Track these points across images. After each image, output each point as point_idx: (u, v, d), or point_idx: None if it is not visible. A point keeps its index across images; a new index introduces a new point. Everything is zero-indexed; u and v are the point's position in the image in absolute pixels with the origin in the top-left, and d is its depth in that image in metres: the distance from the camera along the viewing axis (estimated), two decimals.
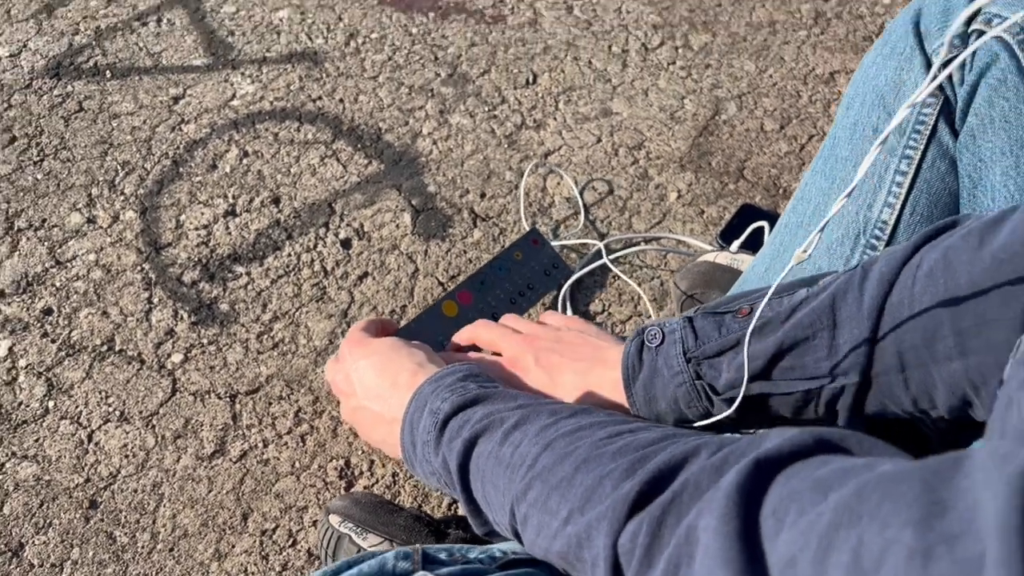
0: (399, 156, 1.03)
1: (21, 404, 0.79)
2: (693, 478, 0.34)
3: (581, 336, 0.62)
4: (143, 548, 0.71)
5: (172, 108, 1.08)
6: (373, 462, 0.76)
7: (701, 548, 0.30)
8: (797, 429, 0.33)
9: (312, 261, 0.92)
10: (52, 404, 0.79)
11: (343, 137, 1.05)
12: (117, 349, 0.84)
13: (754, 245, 0.84)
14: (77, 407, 0.79)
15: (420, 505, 0.74)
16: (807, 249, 0.43)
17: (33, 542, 0.71)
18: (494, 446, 0.46)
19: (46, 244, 0.92)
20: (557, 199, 0.98)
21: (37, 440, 0.77)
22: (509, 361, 0.63)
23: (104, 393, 0.80)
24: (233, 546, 0.71)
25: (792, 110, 1.10)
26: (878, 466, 0.26)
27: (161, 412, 0.79)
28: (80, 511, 0.73)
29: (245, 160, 1.02)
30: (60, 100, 1.09)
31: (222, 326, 0.86)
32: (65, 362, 0.82)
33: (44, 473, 0.75)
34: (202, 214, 0.96)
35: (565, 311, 0.88)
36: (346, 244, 0.93)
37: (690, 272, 0.80)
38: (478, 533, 0.51)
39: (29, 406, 0.79)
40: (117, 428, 0.78)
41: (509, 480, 0.44)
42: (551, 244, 0.89)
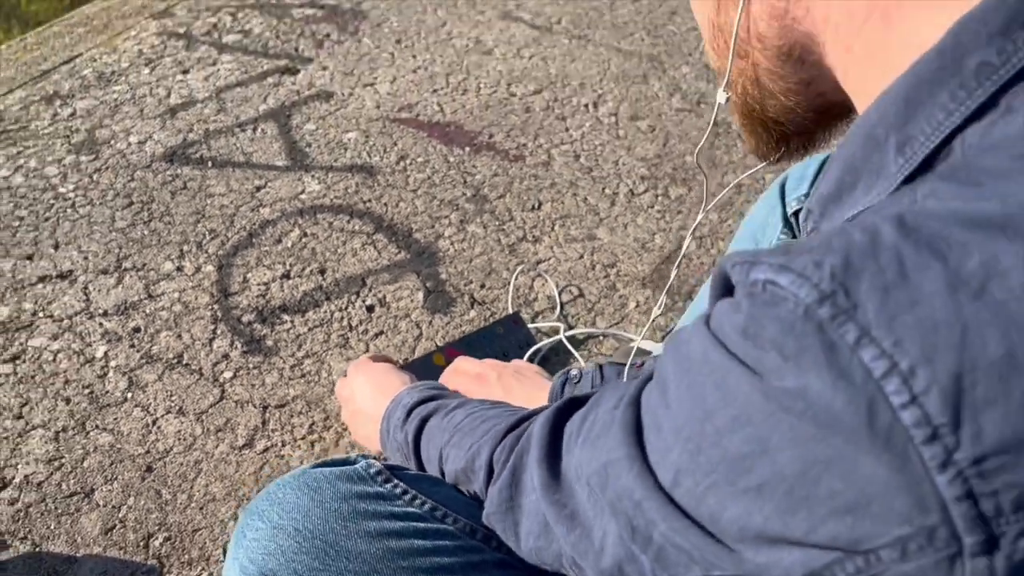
0: (423, 250, 1.30)
1: (107, 392, 1.05)
2: (535, 419, 0.57)
3: (530, 370, 0.87)
4: (180, 504, 0.93)
5: (255, 195, 1.39)
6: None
7: (532, 441, 0.53)
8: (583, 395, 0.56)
9: (342, 318, 1.18)
10: (130, 395, 1.04)
11: (382, 231, 1.33)
12: (184, 363, 1.09)
13: None
14: (148, 400, 1.04)
15: None
16: None
17: (102, 489, 0.94)
18: (438, 420, 0.70)
19: (143, 282, 1.20)
20: (540, 296, 1.24)
21: (115, 419, 1.02)
22: (477, 377, 0.87)
23: (169, 392, 1.05)
24: None
25: None
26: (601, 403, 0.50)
27: (209, 411, 1.03)
28: (139, 472, 0.96)
29: (304, 239, 1.31)
30: (170, 179, 1.41)
31: (265, 356, 1.11)
32: (144, 367, 1.08)
33: (117, 442, 0.99)
34: (264, 274, 1.24)
35: None
36: (370, 309, 1.20)
37: (620, 351, 1.05)
38: None
39: (113, 394, 1.04)
40: (175, 418, 1.02)
41: (442, 437, 0.67)
42: (528, 326, 1.14)
